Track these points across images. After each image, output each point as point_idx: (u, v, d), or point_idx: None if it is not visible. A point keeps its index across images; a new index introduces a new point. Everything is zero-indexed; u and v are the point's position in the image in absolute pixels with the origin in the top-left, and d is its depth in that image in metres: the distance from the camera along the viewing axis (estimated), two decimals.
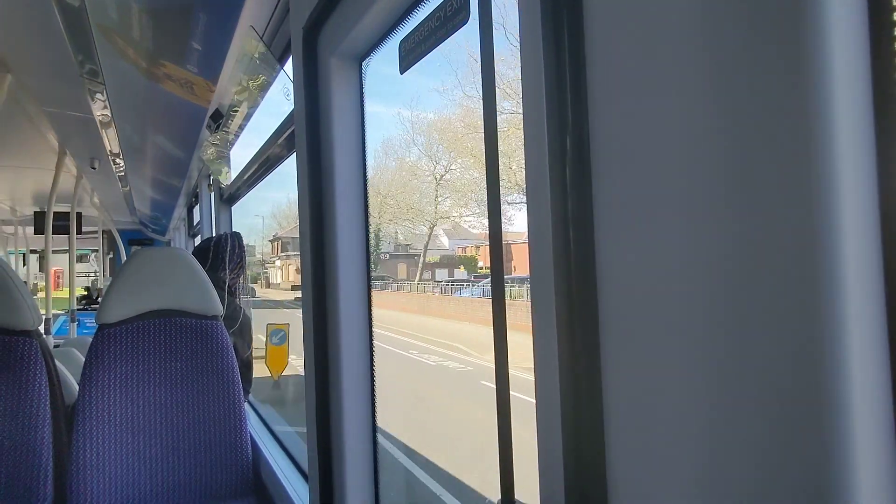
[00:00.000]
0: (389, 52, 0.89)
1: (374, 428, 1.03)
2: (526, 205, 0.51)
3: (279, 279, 36.91)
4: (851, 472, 0.29)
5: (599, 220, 0.43)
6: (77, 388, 1.64)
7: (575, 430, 0.44)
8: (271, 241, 39.98)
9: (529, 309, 0.50)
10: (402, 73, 0.83)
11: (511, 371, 0.58)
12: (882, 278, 0.30)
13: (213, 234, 2.80)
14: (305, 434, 1.16)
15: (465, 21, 0.68)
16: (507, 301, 0.60)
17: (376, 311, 1.03)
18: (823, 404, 0.30)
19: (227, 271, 2.19)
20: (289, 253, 36.37)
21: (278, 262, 37.97)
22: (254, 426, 1.98)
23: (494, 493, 0.58)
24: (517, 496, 0.57)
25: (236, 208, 3.13)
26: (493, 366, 0.59)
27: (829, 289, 0.29)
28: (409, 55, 0.80)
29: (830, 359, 0.29)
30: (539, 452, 0.49)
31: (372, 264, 1.04)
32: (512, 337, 0.58)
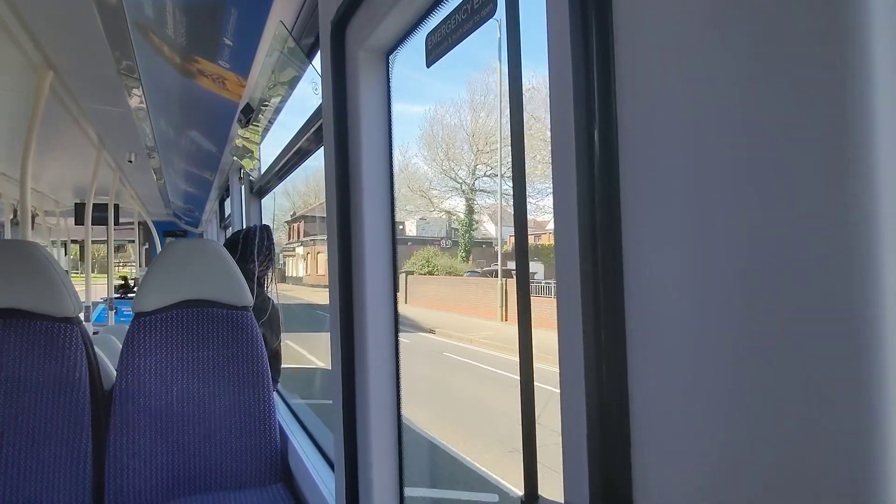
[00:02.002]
0: (416, 44, 0.89)
1: (398, 420, 1.04)
2: (553, 201, 0.50)
3: (301, 272, 28.05)
4: (888, 476, 0.28)
5: (627, 217, 0.43)
6: (115, 373, 1.70)
7: (600, 426, 0.44)
8: (288, 224, 30.63)
9: None
10: (428, 67, 0.84)
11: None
12: None
13: (244, 226, 2.86)
14: None
15: (491, 14, 0.68)
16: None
17: None
18: (860, 408, 0.29)
19: (256, 263, 2.23)
20: (315, 238, 26.76)
21: (300, 250, 28.61)
22: (282, 415, 2.03)
23: None
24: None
25: None
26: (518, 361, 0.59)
27: (868, 290, 0.29)
28: (436, 49, 0.80)
29: (868, 361, 0.29)
30: (563, 448, 0.49)
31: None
32: None
